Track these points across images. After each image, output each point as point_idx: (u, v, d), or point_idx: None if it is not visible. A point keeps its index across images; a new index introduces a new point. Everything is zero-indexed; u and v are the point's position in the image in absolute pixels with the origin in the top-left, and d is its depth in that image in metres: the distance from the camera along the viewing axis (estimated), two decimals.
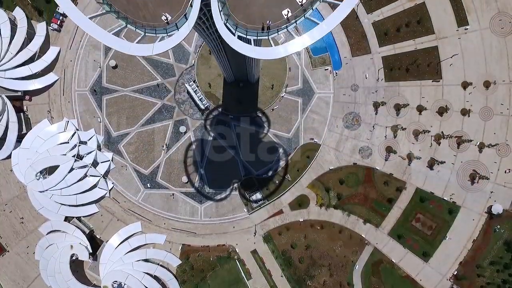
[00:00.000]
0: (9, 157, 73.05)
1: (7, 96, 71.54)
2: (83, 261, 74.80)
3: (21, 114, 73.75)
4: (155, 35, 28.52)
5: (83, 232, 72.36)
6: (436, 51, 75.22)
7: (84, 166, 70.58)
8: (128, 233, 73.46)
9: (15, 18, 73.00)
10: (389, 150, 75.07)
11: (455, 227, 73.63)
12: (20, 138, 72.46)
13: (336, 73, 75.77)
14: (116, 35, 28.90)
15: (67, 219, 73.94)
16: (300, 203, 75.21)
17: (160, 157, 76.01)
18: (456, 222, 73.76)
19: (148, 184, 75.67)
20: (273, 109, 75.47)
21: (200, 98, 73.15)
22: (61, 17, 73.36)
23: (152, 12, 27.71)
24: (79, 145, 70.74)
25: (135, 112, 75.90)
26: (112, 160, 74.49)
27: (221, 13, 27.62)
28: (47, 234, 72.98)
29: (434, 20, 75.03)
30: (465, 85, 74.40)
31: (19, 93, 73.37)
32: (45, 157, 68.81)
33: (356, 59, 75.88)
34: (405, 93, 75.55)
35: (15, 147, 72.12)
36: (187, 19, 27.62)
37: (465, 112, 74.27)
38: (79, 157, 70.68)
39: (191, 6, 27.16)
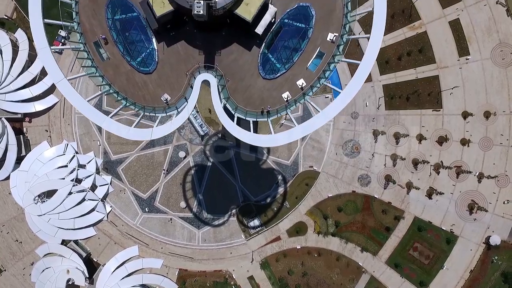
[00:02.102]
0: (7, 178, 72.95)
1: (7, 118, 71.52)
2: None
3: (21, 136, 73.62)
4: (154, 114, 28.54)
5: (80, 255, 72.18)
6: (437, 80, 75.27)
7: (83, 190, 70.44)
8: (125, 257, 73.35)
9: (16, 39, 73.06)
10: (388, 178, 75.01)
11: (452, 257, 73.59)
12: (19, 159, 72.36)
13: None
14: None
15: (64, 241, 73.76)
16: (298, 230, 75.13)
17: (158, 181, 75.90)
18: (454, 252, 73.72)
19: (146, 208, 75.59)
20: None
21: (200, 124, 73.15)
22: (63, 40, 73.30)
23: (152, 93, 27.76)
24: (78, 169, 70.63)
25: None
26: (110, 184, 74.37)
27: (221, 94, 27.72)
28: (43, 256, 72.82)
29: (435, 49, 75.09)
30: (465, 115, 74.43)
31: (19, 115, 73.33)
32: (44, 181, 68.70)
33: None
34: (405, 121, 75.54)
35: (14, 169, 71.98)
36: (187, 101, 27.64)
37: (464, 142, 74.27)
38: (77, 181, 70.58)
39: (191, 87, 27.19)
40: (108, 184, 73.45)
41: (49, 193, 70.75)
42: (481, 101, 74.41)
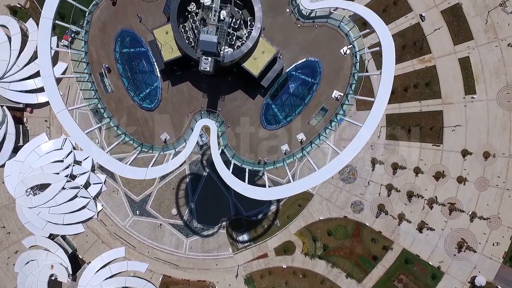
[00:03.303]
0: (2, 166, 72.75)
1: (8, 107, 71.38)
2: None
3: (20, 125, 73.46)
4: (151, 152, 28.57)
5: (66, 251, 72.01)
6: (440, 115, 75.32)
7: (76, 187, 70.31)
8: (111, 257, 73.13)
9: (27, 29, 72.96)
10: (381, 208, 75.04)
11: None
12: (16, 149, 72.20)
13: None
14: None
15: (52, 235, 73.56)
16: (286, 249, 75.10)
17: (152, 185, 75.77)
18: None
19: (137, 211, 75.47)
20: None
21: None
22: (73, 35, 72.76)
23: (151, 130, 27.81)
24: (73, 165, 70.46)
25: None
26: (104, 183, 74.21)
27: (220, 139, 27.75)
28: (29, 248, 72.65)
29: (442, 84, 75.17)
30: (464, 153, 74.50)
31: (21, 105, 73.18)
32: (38, 174, 68.56)
33: (360, 113, 75.55)
34: (404, 153, 75.54)
35: (10, 157, 71.80)
36: (185, 142, 27.63)
37: (461, 180, 74.35)
38: (72, 177, 70.42)
39: (192, 130, 27.20)
40: (102, 183, 73.30)
41: (42, 186, 70.63)
42: (482, 141, 74.52)
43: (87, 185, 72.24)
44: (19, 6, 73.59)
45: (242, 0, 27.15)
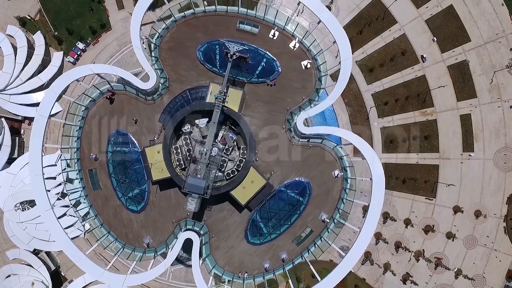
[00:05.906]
0: None
1: (6, 118, 71.18)
2: None
3: (17, 137, 73.28)
4: (133, 253, 28.51)
5: (49, 268, 71.66)
6: (436, 170, 75.53)
7: (66, 206, 69.83)
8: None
9: (34, 41, 72.82)
10: (368, 255, 74.99)
11: None
12: (10, 160, 71.99)
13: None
14: None
15: (36, 249, 73.27)
16: (268, 287, 74.65)
17: None
18: None
19: None
20: None
21: None
22: (79, 52, 73.05)
23: (135, 232, 27.82)
24: (65, 183, 70.03)
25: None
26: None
27: (202, 249, 27.71)
28: (12, 260, 72.33)
29: (441, 139, 75.49)
30: (456, 209, 74.71)
31: (20, 117, 73.02)
32: (29, 190, 68.02)
33: (357, 160, 75.63)
34: (397, 203, 75.66)
35: (3, 168, 71.58)
36: (167, 247, 27.59)
37: (450, 236, 74.51)
38: (62, 195, 69.99)
39: (176, 238, 27.14)
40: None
41: (32, 201, 70.20)
42: (474, 199, 74.76)
43: (77, 204, 71.67)
44: (29, 18, 73.51)
45: (237, 126, 27.16)
